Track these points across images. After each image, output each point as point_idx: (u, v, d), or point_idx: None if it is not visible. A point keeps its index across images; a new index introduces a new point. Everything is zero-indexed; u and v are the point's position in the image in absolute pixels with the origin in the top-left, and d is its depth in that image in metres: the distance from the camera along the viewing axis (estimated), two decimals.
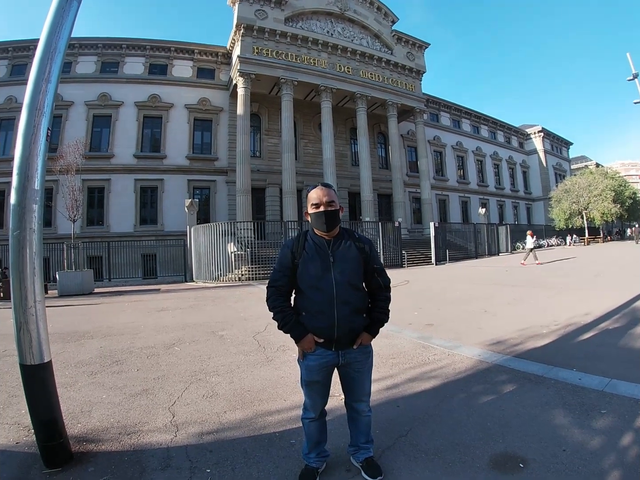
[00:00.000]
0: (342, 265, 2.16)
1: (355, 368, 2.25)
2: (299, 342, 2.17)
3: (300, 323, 2.17)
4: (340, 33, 27.71)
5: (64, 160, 16.05)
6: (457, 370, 4.20)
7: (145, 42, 26.91)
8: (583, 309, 6.97)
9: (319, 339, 2.15)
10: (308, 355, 2.20)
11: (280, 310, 2.19)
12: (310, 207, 2.21)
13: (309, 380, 2.24)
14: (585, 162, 71.62)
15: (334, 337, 2.13)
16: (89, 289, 15.33)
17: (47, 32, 2.66)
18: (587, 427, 2.78)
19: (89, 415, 3.40)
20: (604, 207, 36.65)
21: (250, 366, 4.64)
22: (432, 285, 12.66)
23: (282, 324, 2.18)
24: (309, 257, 2.17)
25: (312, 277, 2.14)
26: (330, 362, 2.20)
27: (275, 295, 2.22)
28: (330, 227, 2.18)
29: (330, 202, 2.16)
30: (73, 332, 7.18)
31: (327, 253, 2.17)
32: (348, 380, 2.31)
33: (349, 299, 2.14)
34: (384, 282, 2.31)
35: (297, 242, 2.25)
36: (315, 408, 2.30)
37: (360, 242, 2.27)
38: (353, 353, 2.21)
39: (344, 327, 2.12)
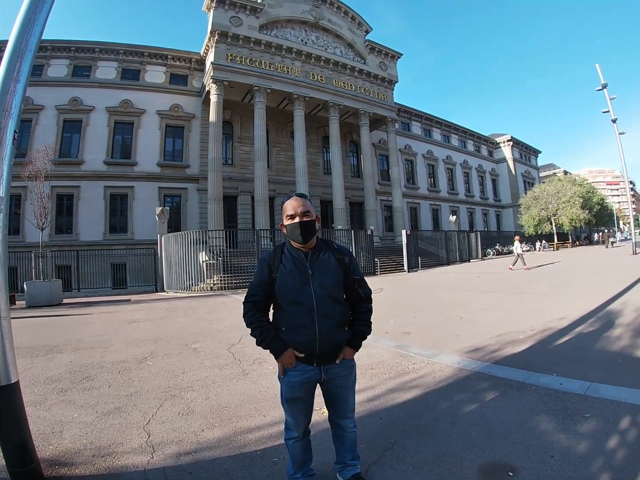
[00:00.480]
0: (322, 277, 2.09)
1: (339, 384, 2.18)
2: (279, 358, 2.08)
3: (279, 338, 2.08)
4: (314, 42, 27.87)
5: (32, 166, 15.47)
6: (437, 379, 4.18)
7: (118, 46, 26.36)
8: (559, 313, 7.10)
9: (299, 354, 2.06)
10: (289, 371, 2.12)
11: (258, 325, 2.10)
12: (285, 219, 2.13)
13: (290, 397, 2.15)
14: (553, 169, 73.98)
15: (316, 352, 2.05)
16: (58, 299, 14.78)
17: (19, 29, 2.52)
18: (573, 432, 2.80)
19: (61, 436, 3.22)
20: (573, 213, 37.83)
21: (227, 380, 4.51)
22: (407, 293, 12.73)
23: (260, 339, 2.09)
24: (287, 271, 2.09)
25: (290, 291, 2.06)
26: (312, 377, 2.11)
27: (252, 310, 2.13)
28: (307, 238, 2.11)
29: (305, 213, 2.09)
30: (41, 345, 6.89)
31: (305, 266, 2.10)
32: (331, 396, 2.23)
33: (330, 312, 2.06)
34: (365, 293, 2.27)
35: (273, 256, 2.17)
36: (298, 427, 2.21)
37: (339, 253, 2.21)
38: (335, 368, 2.14)
39: (326, 342, 2.04)
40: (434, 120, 43.17)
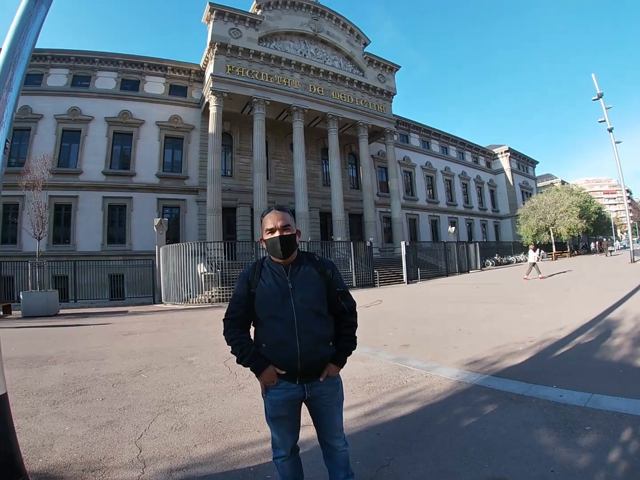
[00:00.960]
0: (303, 291, 2.02)
1: (323, 402, 2.08)
2: (260, 376, 2.01)
3: (260, 355, 2.01)
4: (313, 54, 28.10)
5: (30, 175, 15.46)
6: (436, 392, 4.13)
7: (118, 56, 26.50)
8: (558, 323, 7.06)
9: (281, 371, 1.99)
10: (271, 389, 2.04)
11: (237, 343, 2.04)
12: (265, 233, 2.08)
13: (274, 415, 2.07)
14: (551, 179, 74.36)
15: (298, 370, 1.97)
16: (54, 310, 14.68)
17: (12, 37, 2.52)
18: (573, 445, 2.74)
19: (51, 449, 3.17)
20: (571, 223, 37.84)
21: (222, 394, 4.45)
22: (406, 305, 12.66)
23: (240, 357, 2.02)
24: (266, 286, 2.04)
25: (270, 306, 2.00)
26: (296, 396, 2.03)
27: (231, 327, 2.08)
28: (287, 253, 2.05)
29: (285, 227, 2.04)
30: (36, 356, 6.82)
31: (285, 279, 2.04)
32: (317, 415, 2.13)
33: (312, 327, 1.98)
34: (349, 307, 2.17)
35: (252, 270, 2.13)
36: (285, 445, 2.13)
37: (321, 265, 2.15)
38: (320, 386, 2.05)
39: (307, 358, 1.96)
40: (432, 132, 43.38)
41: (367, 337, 7.41)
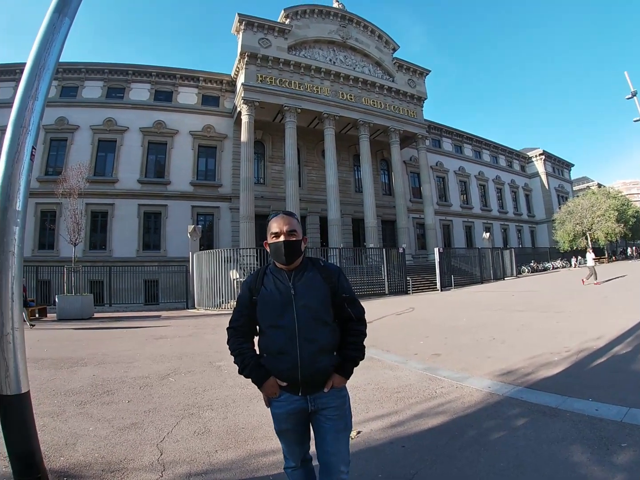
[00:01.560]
0: (306, 298, 1.92)
1: (328, 415, 1.93)
2: (261, 387, 1.92)
3: (261, 366, 1.93)
4: (342, 61, 28.16)
5: (67, 184, 16.06)
6: (466, 404, 3.97)
7: (151, 68, 27.35)
8: (595, 332, 6.74)
9: (282, 382, 1.90)
10: (273, 401, 1.96)
11: (238, 353, 1.97)
12: (269, 237, 2.00)
13: (279, 429, 2.00)
14: (587, 183, 71.66)
15: (299, 380, 1.87)
16: (89, 313, 15.13)
17: (37, 48, 2.62)
18: (608, 464, 2.58)
19: (74, 448, 3.21)
20: (608, 227, 36.61)
21: (247, 400, 4.42)
22: (438, 312, 12.39)
23: (241, 368, 1.95)
24: (268, 293, 1.95)
25: (271, 314, 1.92)
26: (298, 408, 1.92)
27: (234, 336, 2.01)
28: (290, 259, 1.96)
29: (291, 232, 1.96)
30: (67, 358, 7.01)
31: (287, 286, 1.95)
32: (320, 430, 1.95)
33: (314, 335, 1.88)
34: (356, 314, 2.04)
35: (255, 277, 2.04)
36: (293, 456, 2.05)
37: (325, 270, 2.05)
38: (324, 397, 1.93)
39: (308, 369, 1.86)
40: (465, 136, 42.66)
41: (397, 345, 7.28)
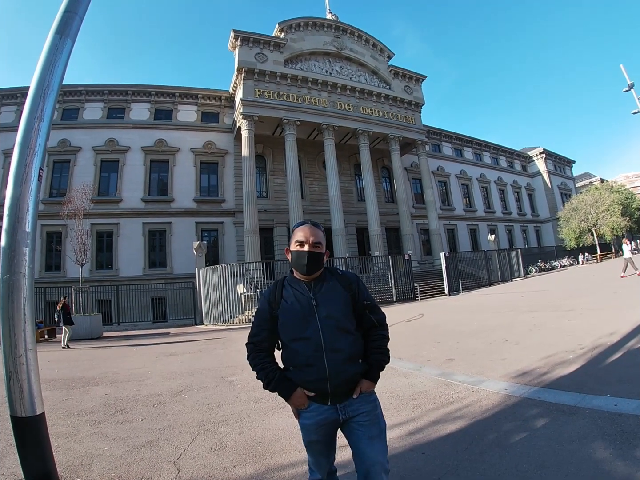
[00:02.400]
0: (328, 308, 1.92)
1: (360, 421, 1.90)
2: (289, 400, 1.91)
3: (286, 378, 1.92)
4: (339, 71, 28.36)
5: (71, 205, 16.20)
6: (484, 407, 3.92)
7: (150, 88, 27.67)
8: (608, 328, 6.66)
9: (310, 393, 1.88)
10: (302, 412, 1.93)
11: (261, 368, 1.95)
12: (293, 244, 2.00)
13: (308, 440, 1.98)
14: (589, 178, 71.25)
15: (328, 391, 1.86)
16: (98, 333, 15.18)
17: (40, 70, 2.65)
18: (631, 458, 2.53)
19: (89, 468, 3.19)
20: (613, 222, 36.32)
21: (262, 414, 4.38)
22: (448, 317, 12.30)
23: (266, 383, 1.93)
24: (289, 306, 1.95)
25: (294, 327, 1.91)
26: (329, 418, 1.89)
27: (254, 352, 1.99)
28: (312, 270, 1.97)
29: (316, 244, 1.96)
30: (79, 378, 7.02)
31: (308, 297, 1.95)
32: (354, 439, 1.90)
33: (339, 345, 1.88)
34: (378, 319, 2.04)
35: (274, 290, 2.04)
36: (320, 468, 2.04)
37: (344, 279, 2.05)
38: (354, 404, 1.91)
39: (337, 379, 1.85)
40: (465, 140, 42.73)
41: (409, 352, 7.22)
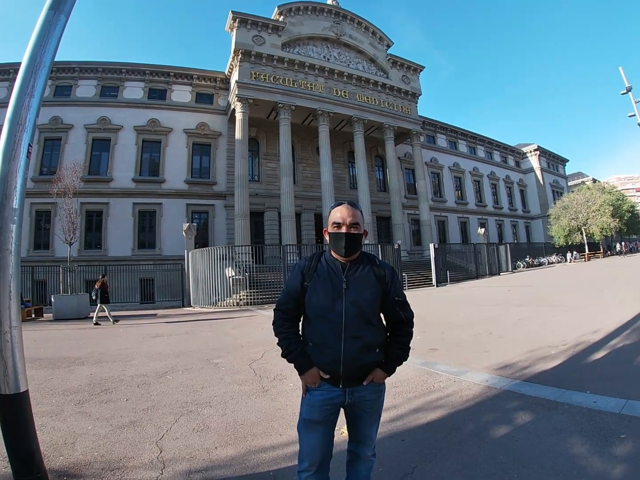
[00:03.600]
0: (356, 293, 1.89)
1: (364, 407, 1.96)
2: (303, 375, 1.91)
3: (306, 354, 1.92)
4: (337, 58, 28.10)
5: (61, 183, 15.96)
6: (464, 398, 3.98)
7: (144, 67, 27.24)
8: (592, 326, 6.78)
9: (324, 374, 1.89)
10: (311, 390, 1.94)
11: (285, 337, 1.95)
12: (331, 226, 1.97)
13: (309, 418, 1.94)
14: (582, 178, 71.75)
15: (340, 374, 1.87)
16: (85, 313, 15.08)
17: (33, 46, 2.59)
18: (607, 455, 2.59)
19: (72, 447, 3.20)
20: (603, 222, 36.74)
21: (245, 397, 4.42)
22: (435, 308, 12.42)
23: (286, 352, 1.94)
24: (320, 282, 1.93)
25: (320, 304, 1.90)
26: (336, 399, 1.91)
27: (281, 319, 1.99)
28: (350, 251, 1.93)
29: (354, 224, 1.92)
30: (64, 357, 6.99)
31: (340, 278, 1.92)
32: (354, 420, 2.02)
33: (360, 333, 1.86)
34: (407, 316, 2.02)
35: (309, 263, 2.01)
36: (311, 456, 1.95)
37: (380, 269, 2.00)
38: (362, 391, 1.92)
39: (351, 364, 1.85)
40: (460, 132, 42.72)
41: None
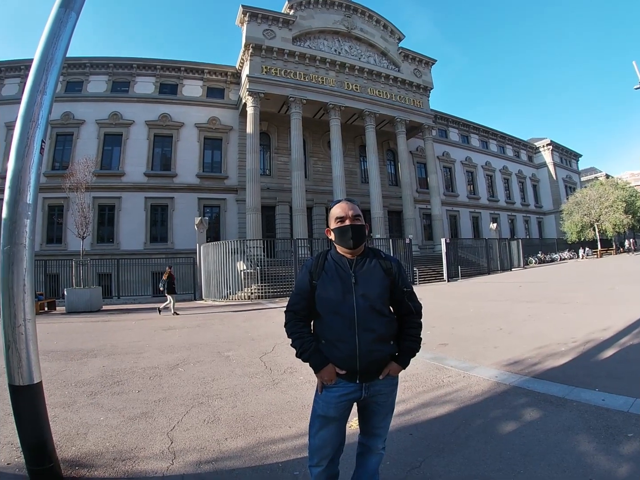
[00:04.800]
0: (365, 287, 1.93)
1: (378, 401, 2.00)
2: (318, 373, 1.94)
3: (320, 351, 1.94)
4: (348, 51, 27.96)
5: (74, 178, 16.15)
6: (473, 393, 3.99)
7: (155, 62, 27.34)
8: (602, 323, 6.72)
9: (340, 370, 1.91)
10: (328, 386, 1.97)
11: (298, 337, 1.98)
12: (334, 222, 2.00)
13: (324, 415, 1.97)
14: (595, 173, 70.82)
15: (357, 369, 1.89)
16: (97, 306, 15.29)
17: (44, 43, 2.63)
18: (614, 453, 2.57)
19: (85, 438, 3.27)
20: (616, 219, 36.31)
21: (255, 389, 4.47)
22: (445, 303, 12.39)
23: (300, 352, 1.96)
24: (329, 278, 1.96)
25: (331, 300, 1.93)
26: (352, 395, 1.95)
27: (293, 320, 2.02)
28: (357, 243, 1.97)
29: (356, 217, 1.97)
30: (77, 349, 7.11)
31: (348, 273, 1.95)
32: (367, 414, 2.06)
33: (372, 325, 1.89)
34: (415, 308, 2.05)
35: (316, 262, 2.04)
36: (324, 452, 2.01)
37: (387, 262, 2.04)
38: (378, 385, 1.96)
39: (367, 357, 1.88)
40: (472, 126, 42.28)
41: None
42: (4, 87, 25.04)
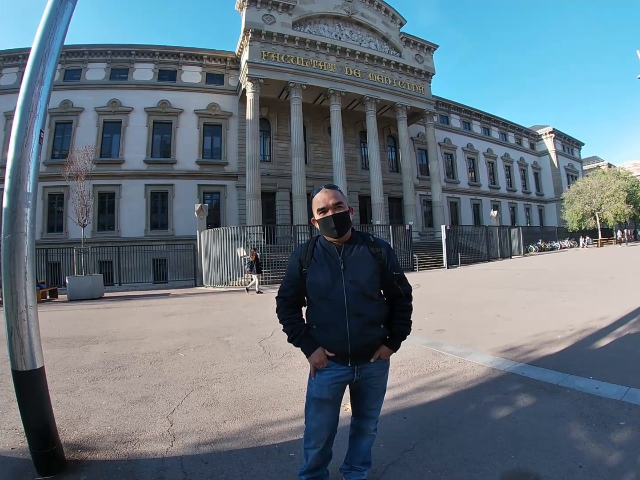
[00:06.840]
0: (354, 273, 1.95)
1: (370, 383, 2.06)
2: (310, 357, 1.98)
3: (310, 336, 2.00)
4: (348, 36, 27.68)
5: (73, 166, 16.12)
6: (468, 378, 4.04)
7: (154, 48, 27.14)
8: (600, 312, 6.76)
9: (330, 353, 1.96)
10: (321, 370, 2.01)
11: (289, 323, 2.03)
12: (316, 213, 2.00)
13: (319, 397, 2.02)
14: (597, 162, 70.19)
15: (348, 352, 1.94)
16: (99, 293, 15.38)
17: (41, 34, 2.63)
18: (605, 441, 2.61)
19: (87, 422, 3.34)
20: (617, 208, 36.17)
21: (254, 373, 4.54)
22: (444, 289, 12.45)
23: (291, 337, 2.02)
24: (318, 265, 1.99)
25: (321, 286, 1.96)
26: (344, 377, 2.00)
27: (284, 306, 2.07)
28: (342, 231, 1.97)
29: (337, 205, 1.95)
30: (79, 336, 7.18)
31: (337, 260, 1.98)
32: (359, 396, 2.12)
33: (362, 310, 1.92)
34: (405, 290, 2.09)
35: (305, 249, 2.07)
36: (319, 434, 2.06)
37: (375, 246, 2.05)
38: (369, 368, 2.02)
39: (357, 341, 1.92)
40: (474, 113, 41.98)
41: None
42: (2, 77, 24.96)
